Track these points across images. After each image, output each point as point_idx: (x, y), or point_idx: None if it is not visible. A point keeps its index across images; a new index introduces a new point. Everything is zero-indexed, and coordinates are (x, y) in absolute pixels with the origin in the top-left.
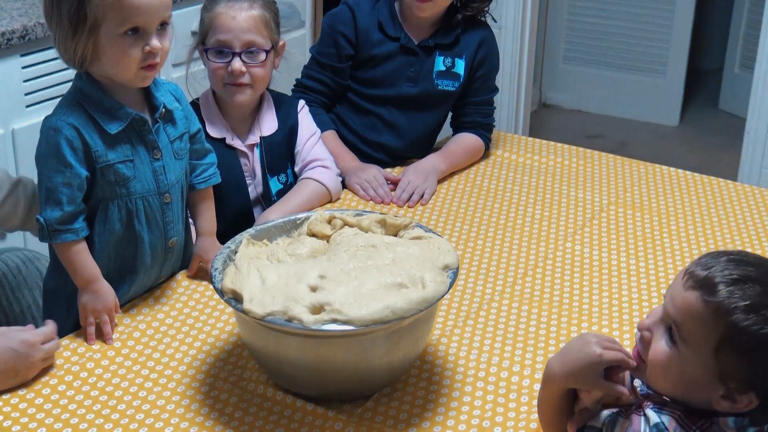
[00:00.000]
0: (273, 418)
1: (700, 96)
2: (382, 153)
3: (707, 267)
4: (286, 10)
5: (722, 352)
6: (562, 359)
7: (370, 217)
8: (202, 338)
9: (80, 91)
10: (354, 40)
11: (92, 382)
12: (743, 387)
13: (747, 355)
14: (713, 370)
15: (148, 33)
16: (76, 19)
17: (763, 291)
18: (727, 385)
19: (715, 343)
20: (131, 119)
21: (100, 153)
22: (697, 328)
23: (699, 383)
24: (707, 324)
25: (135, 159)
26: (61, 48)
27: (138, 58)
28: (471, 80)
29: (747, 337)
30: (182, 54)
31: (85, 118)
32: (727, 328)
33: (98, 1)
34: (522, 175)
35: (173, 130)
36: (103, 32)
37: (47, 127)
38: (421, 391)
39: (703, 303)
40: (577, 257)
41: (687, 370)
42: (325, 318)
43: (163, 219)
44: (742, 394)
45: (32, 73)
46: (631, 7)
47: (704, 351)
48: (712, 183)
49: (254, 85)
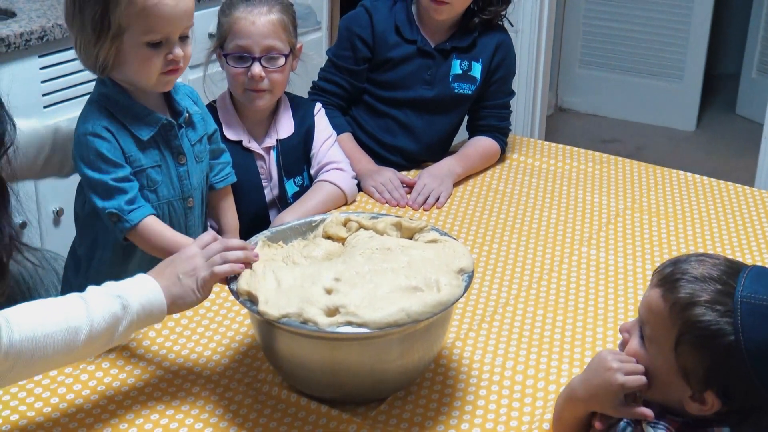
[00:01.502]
0: (287, 420)
1: (717, 101)
2: (397, 156)
3: (672, 264)
4: (302, 11)
5: (680, 348)
6: (585, 384)
7: (386, 220)
8: (217, 339)
9: (106, 97)
10: (371, 42)
11: (107, 382)
12: (702, 384)
13: (702, 349)
14: (675, 368)
15: (172, 42)
16: (99, 26)
17: (721, 290)
18: (690, 383)
19: (674, 339)
20: (161, 125)
21: (135, 158)
22: (659, 324)
23: (668, 383)
24: (667, 320)
25: (162, 164)
26: (82, 53)
27: (160, 65)
28: (487, 84)
29: (700, 331)
30: (199, 56)
31: (117, 123)
32: (683, 323)
33: (123, 10)
34: (538, 179)
35: (194, 134)
36: (126, 39)
37: (84, 133)
38: (435, 394)
39: (663, 299)
40: (593, 262)
41: (655, 370)
42: (340, 320)
43: (185, 223)
44: (705, 393)
45: (50, 74)
46: (648, 12)
47: (666, 348)
48: (729, 188)
49: (273, 90)
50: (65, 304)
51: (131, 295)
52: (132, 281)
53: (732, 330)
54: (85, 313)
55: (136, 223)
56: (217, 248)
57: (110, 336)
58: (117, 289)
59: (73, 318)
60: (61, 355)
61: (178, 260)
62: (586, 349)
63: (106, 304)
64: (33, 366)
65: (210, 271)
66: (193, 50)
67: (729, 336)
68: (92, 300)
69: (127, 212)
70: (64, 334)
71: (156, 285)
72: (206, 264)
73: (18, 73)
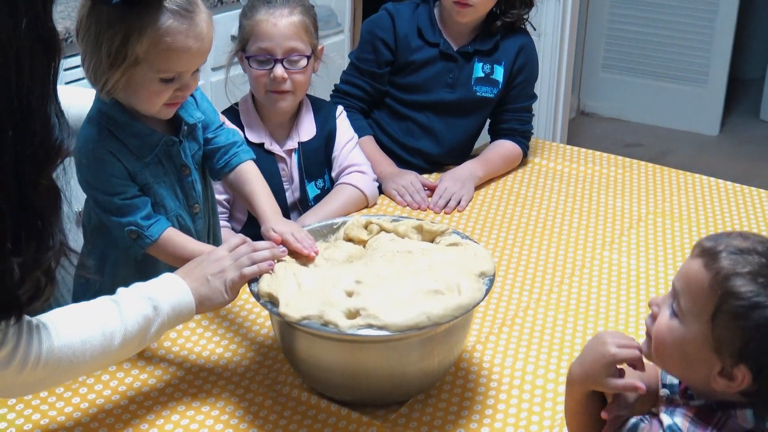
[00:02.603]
0: (307, 422)
1: (741, 105)
2: (419, 159)
3: (716, 239)
4: (324, 14)
5: (717, 319)
6: (580, 361)
7: (407, 223)
8: (238, 341)
9: (106, 116)
10: (393, 46)
11: (129, 383)
12: (736, 358)
13: (740, 320)
14: (709, 340)
15: (184, 78)
16: (115, 55)
17: (765, 263)
18: (723, 357)
19: (712, 310)
20: (161, 143)
21: (141, 176)
22: (697, 295)
23: (697, 357)
24: (706, 290)
25: (166, 179)
26: (91, 73)
27: (166, 98)
28: (509, 87)
29: (742, 302)
30: (221, 58)
31: (118, 143)
32: (724, 293)
33: (145, 46)
34: (560, 183)
35: (194, 144)
36: (139, 71)
37: (87, 157)
38: (455, 397)
39: (704, 269)
40: (614, 266)
41: (686, 342)
42: (361, 323)
43: (195, 228)
44: (736, 368)
45: (73, 75)
46: (672, 16)
47: (702, 319)
48: (753, 193)
49: (295, 91)
50: (99, 309)
51: (161, 297)
52: (161, 282)
53: None
54: (119, 316)
55: (157, 237)
56: (245, 250)
57: (143, 338)
58: (147, 291)
59: (108, 322)
60: (97, 360)
61: (206, 261)
62: None
63: (138, 307)
64: (71, 371)
65: (238, 273)
66: (216, 53)
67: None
68: (124, 303)
69: (146, 228)
70: (100, 339)
71: (185, 285)
72: (234, 265)
73: None
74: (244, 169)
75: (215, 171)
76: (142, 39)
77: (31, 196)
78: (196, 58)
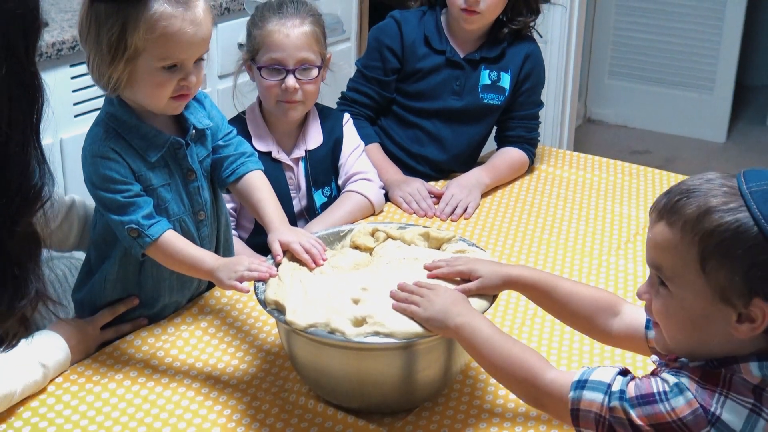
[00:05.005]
0: (313, 429)
1: (747, 112)
2: (426, 166)
3: (665, 194)
4: (330, 21)
5: (707, 265)
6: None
7: (414, 231)
8: (245, 348)
9: (113, 117)
10: (400, 53)
11: (135, 390)
12: (745, 295)
13: (731, 254)
14: (710, 295)
15: (186, 68)
16: (115, 47)
17: (727, 191)
18: (732, 302)
19: (698, 260)
20: (168, 145)
21: (145, 177)
22: (676, 256)
23: (707, 318)
24: (682, 245)
25: (172, 182)
26: (95, 71)
27: (172, 90)
28: (516, 94)
29: (723, 234)
30: (228, 65)
31: (124, 144)
32: (702, 236)
33: (142, 34)
34: (566, 190)
35: (203, 150)
36: (141, 62)
37: (91, 155)
38: (463, 405)
39: (671, 226)
40: (621, 272)
41: (689, 309)
42: (368, 330)
43: (199, 235)
44: (752, 305)
45: (81, 83)
46: (679, 23)
47: (692, 276)
48: None
49: (306, 101)
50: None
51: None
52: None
53: (753, 222)
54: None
55: (157, 237)
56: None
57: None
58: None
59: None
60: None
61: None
62: (615, 360)
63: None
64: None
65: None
66: (222, 60)
67: (752, 229)
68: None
69: (147, 227)
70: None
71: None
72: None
73: (49, 83)
74: (252, 177)
75: (222, 180)
76: (138, 27)
77: (7, 242)
78: (194, 45)
